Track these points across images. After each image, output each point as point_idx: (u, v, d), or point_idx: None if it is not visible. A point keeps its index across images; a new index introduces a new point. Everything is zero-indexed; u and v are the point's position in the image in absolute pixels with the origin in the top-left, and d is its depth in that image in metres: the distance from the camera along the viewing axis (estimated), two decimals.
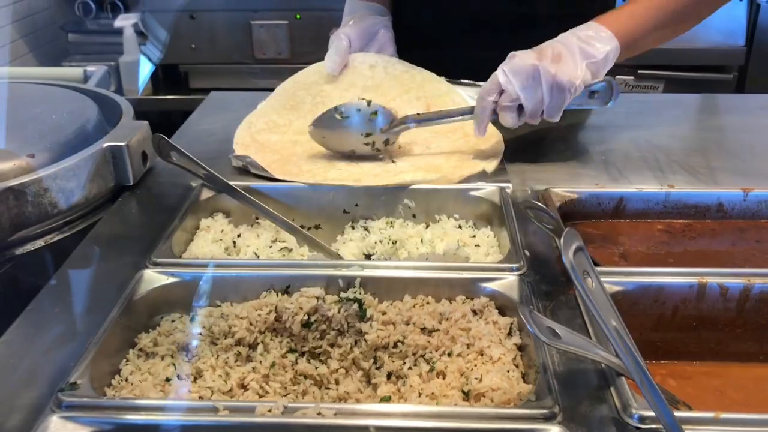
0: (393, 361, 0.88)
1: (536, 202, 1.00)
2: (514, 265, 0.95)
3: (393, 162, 1.27)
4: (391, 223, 1.16)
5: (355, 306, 0.91)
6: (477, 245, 1.09)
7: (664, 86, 3.27)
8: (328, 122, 1.28)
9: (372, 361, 0.89)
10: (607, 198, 1.17)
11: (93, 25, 3.37)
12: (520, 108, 1.22)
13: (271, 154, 1.29)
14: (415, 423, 0.70)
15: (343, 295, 0.93)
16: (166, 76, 3.32)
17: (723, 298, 0.92)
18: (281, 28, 3.22)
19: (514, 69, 1.19)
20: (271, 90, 1.51)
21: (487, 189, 1.17)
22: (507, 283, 0.93)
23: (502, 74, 1.20)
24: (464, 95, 1.45)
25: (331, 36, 1.54)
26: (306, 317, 0.90)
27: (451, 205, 1.17)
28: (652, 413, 0.69)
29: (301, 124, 1.39)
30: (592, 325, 0.84)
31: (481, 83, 1.46)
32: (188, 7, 3.16)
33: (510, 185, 1.19)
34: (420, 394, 0.81)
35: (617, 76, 3.49)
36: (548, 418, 0.70)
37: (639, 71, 3.26)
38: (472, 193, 1.17)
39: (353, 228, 1.17)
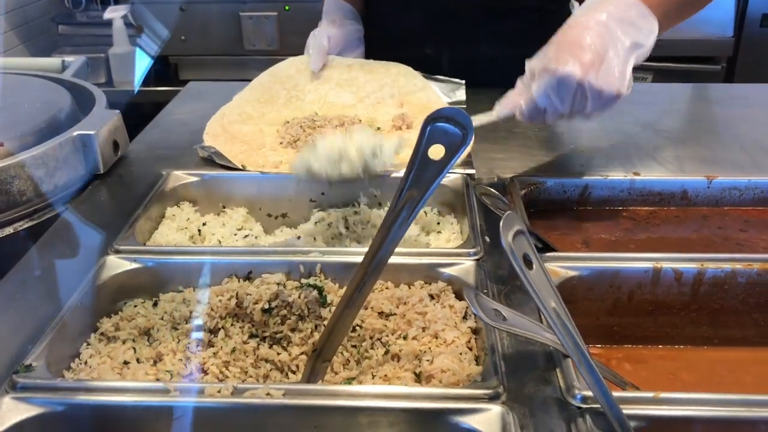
0: (353, 346, 0.90)
1: (490, 189, 1.01)
2: (472, 251, 0.97)
3: None
4: (356, 211, 1.18)
5: (315, 292, 0.93)
6: (439, 232, 1.11)
7: (653, 77, 3.27)
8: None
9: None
10: (572, 185, 1.19)
11: (83, 17, 3.37)
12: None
13: (239, 145, 1.30)
14: (359, 403, 0.72)
15: (303, 281, 0.94)
16: (156, 68, 3.32)
17: (677, 283, 0.93)
18: (270, 19, 3.22)
19: (553, 86, 1.04)
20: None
21: (451, 177, 1.18)
22: (464, 268, 0.94)
23: (539, 95, 1.06)
24: (438, 91, 1.46)
25: (313, 34, 1.56)
26: (267, 303, 0.91)
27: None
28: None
29: (274, 116, 1.41)
30: None
31: (456, 80, 1.49)
32: None
33: (474, 172, 1.20)
34: (374, 376, 0.82)
35: None
36: (492, 398, 0.72)
37: None
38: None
39: (319, 216, 1.18)
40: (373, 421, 0.71)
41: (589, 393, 0.71)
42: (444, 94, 1.47)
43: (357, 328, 0.90)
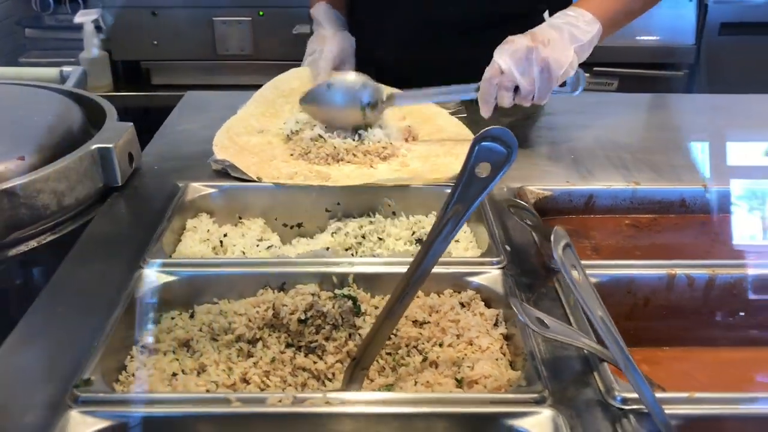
0: (388, 354, 0.93)
1: (517, 200, 1.05)
2: (495, 259, 1.01)
3: (372, 167, 1.32)
4: (372, 221, 1.21)
5: (350, 302, 0.96)
6: (456, 240, 1.15)
7: (618, 83, 3.38)
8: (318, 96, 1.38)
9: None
10: (578, 195, 1.24)
11: (51, 20, 3.33)
12: (516, 89, 1.32)
13: (250, 156, 1.32)
14: (415, 409, 0.75)
15: (337, 291, 0.97)
16: (127, 73, 3.29)
17: (690, 288, 0.99)
18: (244, 24, 3.22)
19: (511, 52, 1.29)
20: (236, 87, 1.55)
21: None
22: (491, 276, 0.98)
23: (500, 58, 1.30)
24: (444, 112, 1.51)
25: (314, 49, 1.58)
26: (303, 314, 0.94)
27: (430, 202, 1.22)
28: (633, 395, 0.75)
29: (279, 127, 1.43)
30: (573, 315, 0.90)
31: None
32: (150, 3, 3.14)
33: None
34: (416, 383, 0.86)
35: None
36: (539, 402, 0.76)
37: (594, 68, 3.36)
38: (449, 191, 1.22)
39: (335, 226, 1.21)
40: (429, 426, 0.74)
41: (629, 395, 0.76)
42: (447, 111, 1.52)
43: (392, 336, 0.93)
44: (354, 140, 1.36)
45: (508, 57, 1.29)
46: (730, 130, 1.52)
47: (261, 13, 3.19)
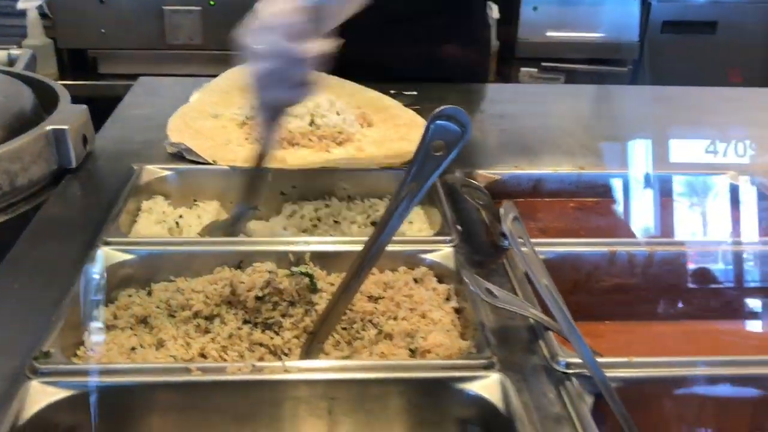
0: (344, 329, 0.96)
1: (472, 181, 1.09)
2: (448, 238, 1.05)
3: (327, 152, 1.34)
4: (327, 204, 1.23)
5: (306, 280, 0.98)
6: (410, 222, 1.18)
7: (565, 78, 3.46)
8: None
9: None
10: (526, 179, 1.29)
11: None
12: None
13: (205, 140, 1.33)
14: (370, 375, 0.78)
15: (294, 269, 0.99)
16: (73, 61, 3.23)
17: (630, 265, 1.04)
18: (194, 14, 3.19)
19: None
20: (186, 77, 1.55)
21: None
22: (443, 254, 1.02)
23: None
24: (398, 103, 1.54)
25: None
26: (260, 291, 0.96)
27: (385, 186, 1.25)
28: (576, 360, 0.79)
29: (234, 113, 1.44)
30: (520, 288, 0.95)
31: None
32: None
33: None
34: (370, 354, 0.89)
35: (522, 69, 3.66)
36: (487, 367, 0.80)
37: (541, 63, 3.44)
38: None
39: (291, 209, 1.23)
40: (385, 391, 0.77)
41: (572, 360, 0.80)
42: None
43: (347, 311, 0.96)
44: (309, 125, 1.38)
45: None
46: (669, 118, 1.59)
47: (212, 2, 3.16)
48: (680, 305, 1.07)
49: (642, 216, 1.25)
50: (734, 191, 1.26)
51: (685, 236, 1.13)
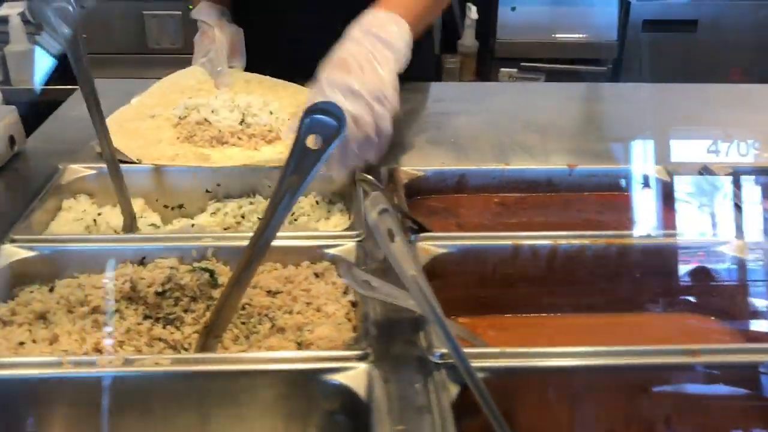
0: (243, 323, 0.97)
1: (367, 176, 1.10)
2: (354, 233, 1.06)
3: (256, 150, 1.35)
4: (252, 202, 1.25)
5: (207, 275, 0.99)
6: (327, 218, 1.20)
7: (545, 78, 3.47)
8: None
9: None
10: (450, 174, 1.29)
11: None
12: None
13: (136, 140, 1.34)
14: (242, 367, 0.79)
15: (195, 264, 1.01)
16: (57, 66, 3.26)
17: (534, 258, 1.05)
18: (175, 18, 3.23)
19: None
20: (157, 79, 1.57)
21: None
22: (346, 248, 1.03)
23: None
24: None
25: (204, 45, 1.60)
26: (160, 286, 0.98)
27: (310, 185, 1.26)
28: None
29: (171, 113, 1.46)
30: None
31: None
32: None
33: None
34: (259, 348, 0.90)
35: (501, 69, 3.66)
36: (361, 358, 0.81)
37: (521, 64, 3.45)
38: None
39: (215, 206, 1.24)
40: (254, 384, 0.78)
41: (447, 350, 0.81)
42: None
43: (247, 306, 0.97)
44: (240, 124, 1.40)
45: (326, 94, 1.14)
46: (607, 115, 1.59)
47: (191, 6, 3.19)
48: (585, 298, 1.07)
49: (561, 212, 1.26)
50: (649, 185, 1.27)
51: (593, 229, 1.13)
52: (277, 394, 0.78)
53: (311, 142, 0.83)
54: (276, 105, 1.48)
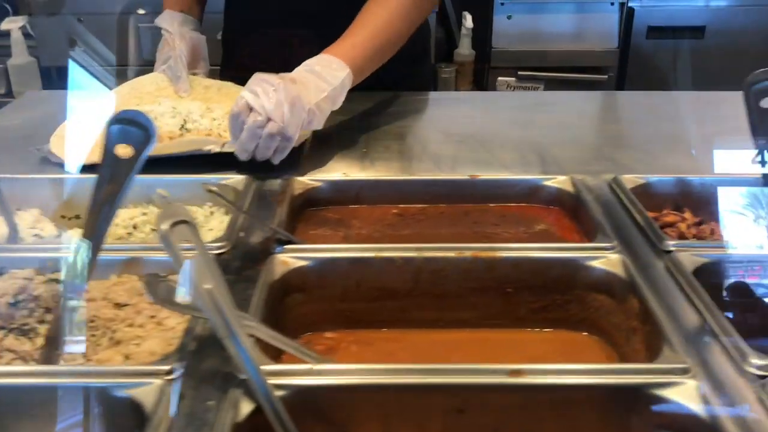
0: (92, 335, 0.96)
1: (213, 187, 1.08)
2: (218, 244, 1.04)
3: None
4: (145, 212, 1.24)
5: (60, 286, 0.99)
6: (210, 229, 1.18)
7: (544, 86, 3.41)
8: None
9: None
10: (348, 186, 1.27)
11: None
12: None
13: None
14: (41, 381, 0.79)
15: (49, 275, 1.00)
16: (60, 78, 3.35)
17: (398, 271, 1.02)
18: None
19: (262, 87, 1.25)
20: None
21: (236, 178, 1.26)
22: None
23: (249, 94, 1.25)
24: None
25: (164, 52, 1.63)
26: (13, 297, 0.97)
27: (204, 194, 1.25)
28: (264, 366, 0.78)
29: None
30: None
31: None
32: (76, 10, 3.21)
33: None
34: (89, 360, 0.89)
35: (499, 78, 3.62)
36: (168, 373, 0.79)
37: (519, 72, 3.40)
38: (223, 182, 1.26)
39: None
40: (54, 398, 0.77)
41: (264, 366, 0.79)
42: None
43: (95, 318, 0.96)
44: (180, 129, 1.40)
45: (261, 92, 1.24)
46: (525, 124, 1.55)
47: None
48: (456, 312, 1.03)
49: (457, 223, 1.22)
50: (541, 195, 1.23)
51: (482, 241, 1.09)
52: (73, 409, 0.77)
53: (121, 151, 0.81)
54: (220, 111, 1.48)
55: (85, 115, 1.48)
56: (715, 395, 0.76)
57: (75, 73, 1.18)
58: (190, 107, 1.47)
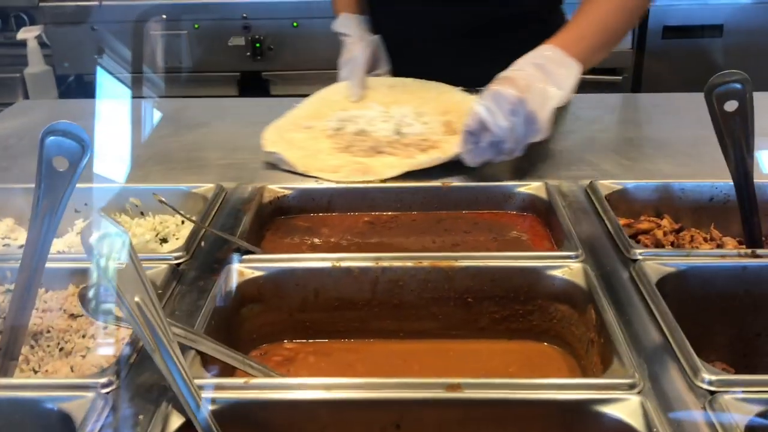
0: (47, 346, 0.96)
1: (162, 198, 1.07)
2: (174, 255, 1.04)
3: (412, 158, 1.34)
4: (118, 221, 1.24)
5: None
6: (177, 239, 1.18)
7: None
8: None
9: (29, 347, 0.97)
10: (319, 194, 1.26)
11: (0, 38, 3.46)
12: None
13: (297, 150, 1.38)
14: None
15: (7, 286, 1.01)
16: (75, 86, 3.40)
17: (356, 281, 1.00)
18: (181, 37, 3.30)
19: (496, 100, 1.21)
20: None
21: (206, 186, 1.25)
22: (160, 270, 1.01)
23: (483, 108, 1.21)
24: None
25: (347, 59, 1.62)
26: None
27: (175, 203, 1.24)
28: (203, 380, 0.77)
29: (326, 125, 1.48)
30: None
31: None
32: (89, 19, 3.25)
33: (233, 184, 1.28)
34: (41, 371, 0.89)
35: None
36: (105, 386, 0.78)
37: None
38: (193, 190, 1.25)
39: (79, 226, 1.24)
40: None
41: (198, 381, 0.78)
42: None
43: (51, 329, 0.96)
44: (395, 134, 1.40)
45: (492, 105, 1.20)
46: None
47: (196, 26, 3.26)
48: (416, 323, 1.02)
49: (426, 231, 1.20)
50: (514, 202, 1.21)
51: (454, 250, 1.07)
52: (5, 422, 0.77)
53: (58, 163, 0.81)
54: (427, 116, 1.47)
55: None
56: (660, 411, 0.73)
57: (102, 80, 1.16)
58: (402, 111, 1.48)
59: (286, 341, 1.03)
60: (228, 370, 0.88)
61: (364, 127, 1.42)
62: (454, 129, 1.42)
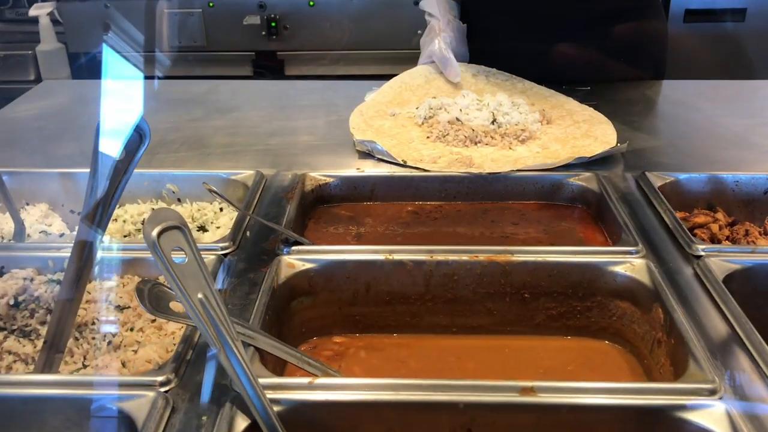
0: (93, 338, 0.93)
1: (213, 188, 1.03)
2: (222, 245, 1.01)
3: (511, 149, 1.31)
4: (153, 208, 1.21)
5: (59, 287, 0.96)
6: (218, 227, 1.15)
7: None
8: None
9: (74, 338, 0.94)
10: (362, 182, 1.22)
11: (11, 13, 3.41)
12: None
13: (388, 139, 1.34)
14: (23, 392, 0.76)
15: (49, 275, 0.98)
16: (87, 64, 3.35)
17: (409, 274, 0.97)
18: (195, 15, 3.25)
19: None
20: (189, 77, 1.57)
21: (246, 173, 1.22)
22: (207, 261, 0.97)
23: None
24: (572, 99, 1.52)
25: (436, 41, 1.57)
26: (13, 298, 0.95)
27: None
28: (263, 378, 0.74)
29: (410, 112, 1.46)
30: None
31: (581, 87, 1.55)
32: None
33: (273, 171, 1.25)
34: (90, 366, 0.86)
35: None
36: (163, 384, 0.76)
37: None
38: (233, 177, 1.22)
39: (115, 213, 1.21)
40: (43, 408, 0.74)
41: (261, 380, 0.75)
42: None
43: (96, 321, 0.94)
44: (492, 123, 1.37)
45: None
46: None
47: (211, 4, 3.21)
48: (470, 318, 0.99)
49: (473, 222, 1.17)
50: (563, 193, 1.17)
51: (504, 243, 1.04)
52: (65, 420, 0.74)
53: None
54: (523, 104, 1.44)
55: None
56: (745, 420, 0.70)
57: (115, 59, 1.12)
58: (499, 99, 1.44)
59: (335, 335, 1.00)
60: (279, 366, 0.85)
61: (457, 115, 1.38)
62: (548, 119, 1.40)
